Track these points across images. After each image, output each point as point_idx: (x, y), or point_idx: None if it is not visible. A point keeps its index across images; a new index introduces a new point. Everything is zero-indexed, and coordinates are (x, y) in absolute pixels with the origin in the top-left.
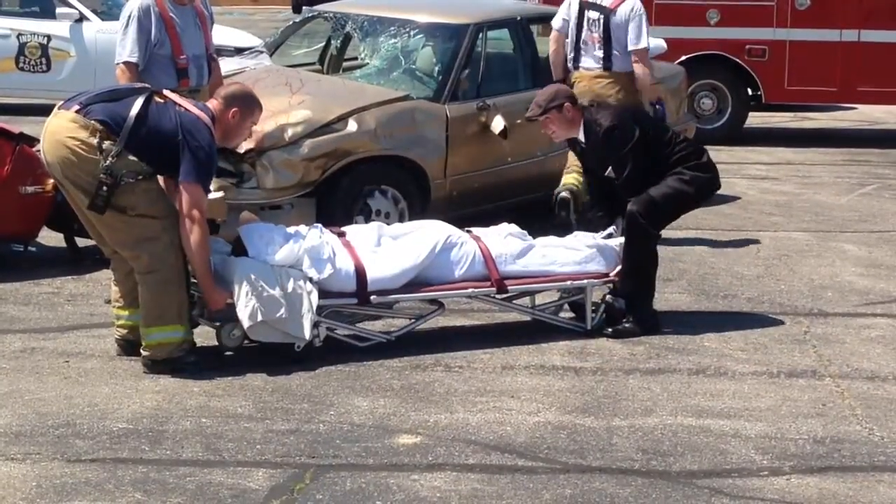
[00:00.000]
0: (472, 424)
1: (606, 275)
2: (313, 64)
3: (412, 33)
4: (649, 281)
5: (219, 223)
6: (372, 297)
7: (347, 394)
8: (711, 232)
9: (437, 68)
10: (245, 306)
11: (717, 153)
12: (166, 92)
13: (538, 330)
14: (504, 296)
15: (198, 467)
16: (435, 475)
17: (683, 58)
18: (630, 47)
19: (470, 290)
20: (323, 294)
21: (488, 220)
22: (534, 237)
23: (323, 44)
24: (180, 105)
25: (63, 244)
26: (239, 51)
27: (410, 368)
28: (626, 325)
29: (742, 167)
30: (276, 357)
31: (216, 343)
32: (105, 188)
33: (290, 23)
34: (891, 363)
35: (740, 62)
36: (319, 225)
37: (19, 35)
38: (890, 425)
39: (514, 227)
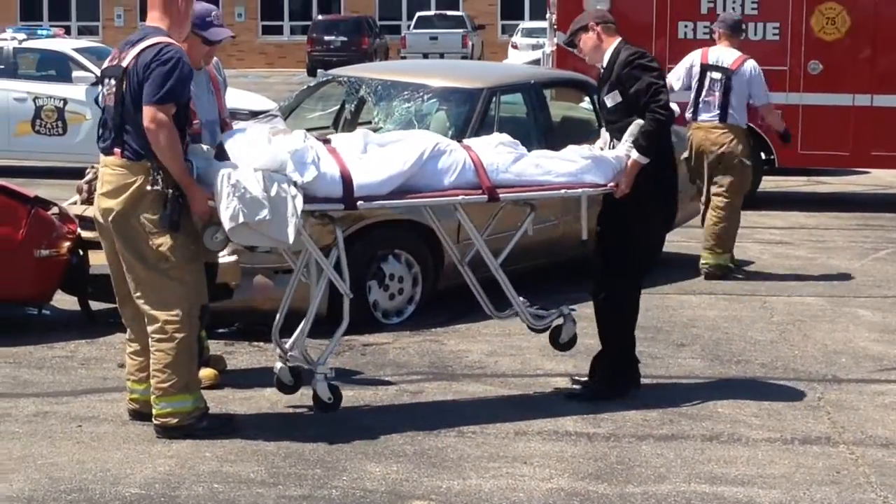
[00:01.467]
0: (485, 490)
1: (604, 185)
2: (327, 128)
3: (426, 97)
4: (627, 343)
5: (232, 287)
6: (359, 203)
7: (360, 459)
8: (725, 297)
9: (450, 132)
10: (226, 208)
11: None
12: (123, 60)
13: (551, 395)
14: (495, 202)
15: None
16: None
17: None
18: (760, 104)
19: (460, 197)
20: (308, 199)
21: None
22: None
23: (337, 107)
24: (134, 57)
25: (77, 308)
26: (254, 114)
27: (423, 433)
28: (587, 387)
29: (755, 231)
30: (289, 420)
31: (228, 409)
32: (180, 199)
33: (305, 86)
34: None
35: (753, 126)
36: (303, 131)
37: (35, 98)
38: None
39: (505, 137)
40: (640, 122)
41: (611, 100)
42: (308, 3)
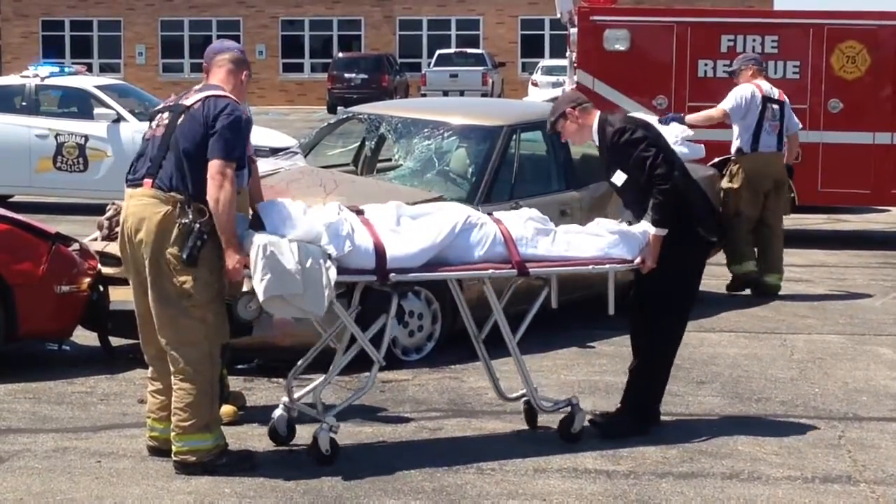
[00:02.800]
0: None
1: (630, 261)
2: (347, 165)
3: (446, 135)
4: (656, 380)
5: (252, 323)
6: (391, 275)
7: (379, 496)
8: (745, 335)
9: (470, 170)
10: (261, 280)
11: None
12: (185, 100)
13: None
14: (524, 277)
15: None
16: None
17: (717, 160)
18: (796, 130)
19: (490, 270)
20: (342, 271)
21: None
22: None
23: (357, 144)
24: (201, 100)
25: (97, 343)
26: (274, 151)
27: (442, 470)
28: (613, 418)
29: None
30: (308, 457)
31: (247, 445)
32: (205, 236)
33: (325, 123)
34: None
35: None
36: (338, 203)
37: (57, 135)
38: None
39: (534, 212)
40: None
41: (618, 178)
42: (329, 40)
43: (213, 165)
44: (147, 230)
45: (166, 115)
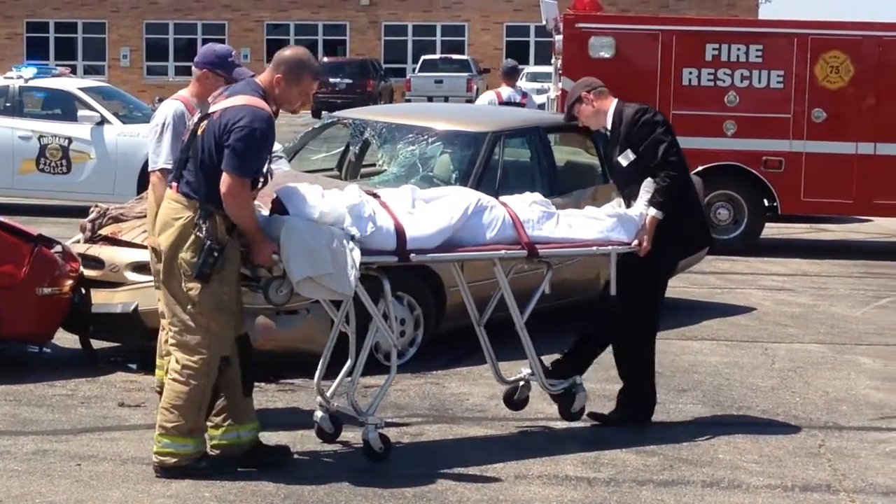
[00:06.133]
0: None
1: (628, 243)
2: (332, 169)
3: (430, 141)
4: (647, 369)
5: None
6: (411, 255)
7: (359, 500)
8: (726, 343)
9: (454, 175)
10: (293, 262)
11: (732, 264)
12: (214, 104)
13: (552, 439)
14: (535, 258)
15: None
16: None
17: (700, 168)
18: None
19: (502, 251)
20: (363, 252)
21: (503, 328)
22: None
23: (342, 149)
24: (223, 109)
25: (78, 346)
26: None
27: (423, 476)
28: (613, 414)
29: (758, 278)
30: (289, 461)
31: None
32: (215, 253)
33: (310, 128)
34: None
35: (757, 173)
36: (356, 185)
37: (40, 137)
38: None
39: (538, 196)
40: (651, 181)
41: (625, 159)
42: (314, 45)
43: (225, 182)
44: (167, 234)
45: (195, 119)
